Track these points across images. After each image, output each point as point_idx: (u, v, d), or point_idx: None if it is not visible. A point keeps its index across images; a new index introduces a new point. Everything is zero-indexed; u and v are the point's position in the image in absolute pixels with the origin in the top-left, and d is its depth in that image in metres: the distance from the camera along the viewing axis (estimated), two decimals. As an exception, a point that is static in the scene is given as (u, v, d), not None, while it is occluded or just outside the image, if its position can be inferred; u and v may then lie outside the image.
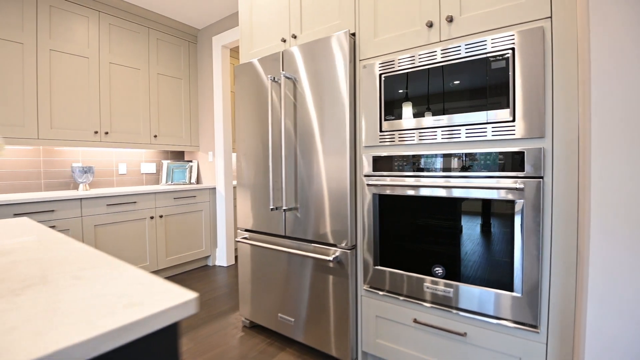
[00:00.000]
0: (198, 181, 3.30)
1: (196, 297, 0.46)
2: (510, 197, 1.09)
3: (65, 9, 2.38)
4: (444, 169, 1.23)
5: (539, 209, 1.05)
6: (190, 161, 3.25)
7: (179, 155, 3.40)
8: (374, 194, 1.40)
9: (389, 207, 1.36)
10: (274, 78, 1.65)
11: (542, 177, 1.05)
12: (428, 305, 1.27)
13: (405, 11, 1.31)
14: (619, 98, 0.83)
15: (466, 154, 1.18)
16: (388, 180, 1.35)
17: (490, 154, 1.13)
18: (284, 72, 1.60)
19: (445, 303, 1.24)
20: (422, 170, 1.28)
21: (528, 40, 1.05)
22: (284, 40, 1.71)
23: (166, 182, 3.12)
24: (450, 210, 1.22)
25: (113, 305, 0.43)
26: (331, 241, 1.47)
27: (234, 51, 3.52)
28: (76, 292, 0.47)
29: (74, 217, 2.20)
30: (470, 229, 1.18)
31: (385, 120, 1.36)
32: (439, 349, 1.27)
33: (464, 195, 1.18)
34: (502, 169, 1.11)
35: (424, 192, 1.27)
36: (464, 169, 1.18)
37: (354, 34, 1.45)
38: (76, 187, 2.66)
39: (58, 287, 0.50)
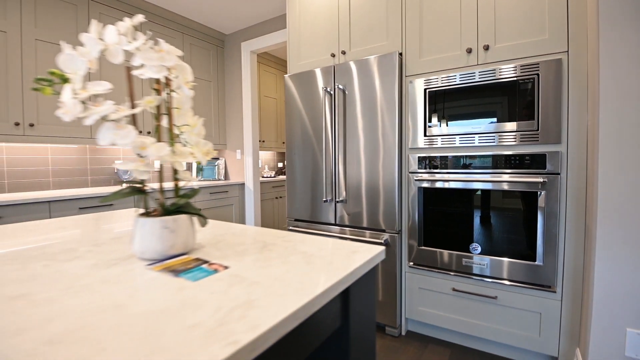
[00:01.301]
0: (226, 177, 3.52)
1: (384, 249, 0.74)
2: (534, 189, 1.41)
3: (111, 15, 2.55)
4: (480, 167, 1.54)
5: (557, 198, 1.37)
6: (218, 159, 3.46)
7: (205, 153, 3.60)
8: (418, 187, 1.70)
9: (432, 198, 1.67)
10: (326, 88, 1.92)
11: (559, 174, 1.38)
12: (465, 276, 1.59)
13: (447, 38, 1.60)
14: (620, 116, 1.16)
15: (498, 155, 1.49)
16: (431, 176, 1.66)
17: (518, 155, 1.45)
18: (337, 84, 1.87)
19: (480, 273, 1.56)
20: (461, 167, 1.58)
21: (549, 68, 1.37)
22: (334, 55, 1.98)
23: (196, 179, 3.32)
24: (484, 199, 1.53)
25: (346, 254, 0.70)
26: (382, 227, 1.76)
27: (260, 56, 3.74)
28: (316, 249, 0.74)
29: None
30: (502, 213, 1.49)
31: (429, 127, 1.66)
32: (473, 310, 1.59)
33: (496, 187, 1.50)
34: (529, 167, 1.43)
35: (462, 185, 1.58)
36: (497, 166, 1.50)
37: (401, 54, 1.74)
38: (118, 184, 2.84)
39: (300, 251, 0.77)
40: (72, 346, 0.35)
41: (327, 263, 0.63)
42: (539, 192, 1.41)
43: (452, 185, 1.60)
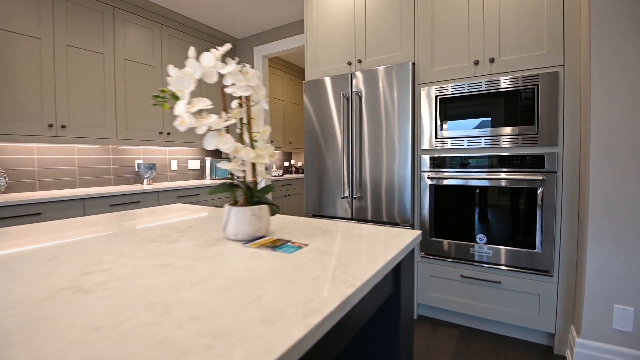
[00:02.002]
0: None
1: (421, 232, 0.92)
2: (534, 186, 1.60)
3: (134, 21, 2.68)
4: (486, 166, 1.72)
5: (554, 193, 1.57)
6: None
7: (216, 153, 3.74)
8: (430, 185, 1.88)
9: (442, 194, 1.85)
10: (344, 93, 2.08)
11: (555, 172, 1.57)
12: (472, 263, 1.77)
13: (456, 50, 1.78)
14: (609, 122, 1.35)
15: (502, 156, 1.68)
16: (441, 175, 1.84)
17: (520, 155, 1.64)
18: (354, 89, 2.03)
19: (486, 261, 1.74)
20: (469, 167, 1.77)
21: (547, 80, 1.56)
22: (350, 63, 2.15)
23: (210, 177, 3.46)
24: (489, 195, 1.72)
25: (392, 236, 0.87)
26: (397, 221, 1.94)
27: (272, 61, 3.88)
28: (371, 231, 0.91)
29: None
30: (505, 207, 1.68)
31: (440, 130, 1.84)
32: (479, 294, 1.78)
33: (500, 184, 1.68)
34: (529, 166, 1.62)
35: (470, 183, 1.76)
36: (501, 165, 1.68)
37: (414, 64, 1.91)
38: (139, 182, 2.97)
39: (357, 233, 0.93)
40: (241, 292, 0.51)
41: (382, 242, 0.80)
42: (538, 189, 1.60)
43: (460, 182, 1.79)
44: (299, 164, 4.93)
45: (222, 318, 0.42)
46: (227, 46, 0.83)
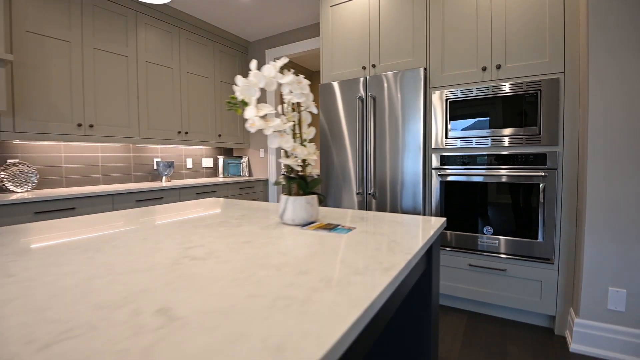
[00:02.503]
0: (249, 174, 3.80)
1: (445, 219, 1.06)
2: (536, 181, 1.76)
3: (154, 25, 2.79)
4: (492, 164, 1.88)
5: (554, 188, 1.73)
6: (241, 157, 3.73)
7: (228, 152, 3.87)
8: (440, 181, 2.03)
9: (451, 189, 2.00)
10: (359, 96, 2.23)
11: (556, 169, 1.73)
12: (479, 253, 1.93)
13: (466, 57, 1.94)
14: (605, 124, 1.51)
15: (507, 154, 1.83)
16: (451, 172, 1.99)
17: (524, 154, 1.79)
18: (369, 92, 2.18)
19: (492, 250, 1.90)
20: (476, 164, 1.92)
21: (549, 85, 1.72)
22: (364, 68, 2.29)
23: (223, 175, 3.59)
24: (495, 190, 1.87)
25: (425, 221, 1.02)
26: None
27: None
28: (401, 219, 1.06)
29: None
30: (510, 201, 1.84)
31: (449, 130, 1.99)
32: (485, 281, 1.93)
33: (506, 180, 1.84)
34: (532, 163, 1.77)
35: (477, 179, 1.92)
36: (506, 163, 1.84)
37: (425, 69, 2.06)
38: (157, 179, 3.08)
39: (390, 219, 1.08)
40: (326, 257, 0.65)
41: (417, 226, 0.95)
42: (540, 184, 1.76)
43: (468, 179, 1.94)
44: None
45: (323, 272, 0.56)
46: (284, 60, 0.97)
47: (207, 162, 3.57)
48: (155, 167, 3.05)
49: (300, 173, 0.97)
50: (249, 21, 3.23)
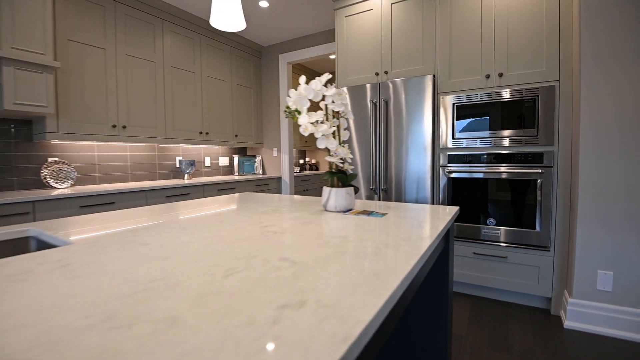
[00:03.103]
0: (263, 172, 3.99)
1: (458, 208, 1.27)
2: (535, 177, 1.97)
3: (178, 32, 2.98)
4: (494, 162, 2.08)
5: (550, 183, 1.94)
6: (254, 156, 3.93)
7: (242, 151, 4.06)
8: (448, 178, 2.24)
9: (457, 185, 2.21)
10: (373, 100, 2.43)
11: (552, 166, 1.94)
12: (483, 242, 2.14)
13: (471, 66, 2.14)
14: (594, 127, 1.72)
15: (509, 153, 2.04)
16: (457, 169, 2.20)
17: (523, 153, 2.00)
18: (381, 97, 2.38)
19: (494, 240, 2.11)
20: (480, 162, 2.13)
21: (546, 92, 1.92)
22: (377, 74, 2.49)
23: (238, 173, 3.78)
24: (497, 185, 2.08)
25: (442, 209, 1.22)
26: (419, 208, 2.29)
27: (295, 67, 4.22)
28: (419, 210, 1.26)
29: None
30: (510, 195, 2.05)
31: (456, 132, 2.19)
32: (488, 268, 2.14)
33: (507, 176, 2.05)
34: (531, 161, 1.98)
35: (481, 175, 2.12)
36: (507, 161, 2.05)
37: (434, 76, 2.27)
38: (179, 177, 3.28)
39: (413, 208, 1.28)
40: (376, 232, 0.86)
41: (437, 212, 1.15)
42: (537, 180, 1.97)
43: (472, 175, 2.15)
44: (313, 161, 5.27)
45: (379, 240, 0.76)
46: (327, 76, 1.17)
47: (224, 161, 3.76)
48: (177, 165, 3.24)
49: (340, 168, 1.17)
50: (264, 27, 3.42)
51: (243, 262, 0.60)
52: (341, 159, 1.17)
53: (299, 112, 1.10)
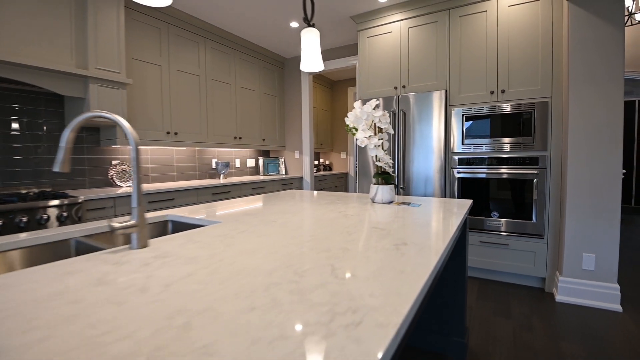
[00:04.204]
0: (286, 173, 4.38)
1: (472, 201, 1.65)
2: (531, 177, 2.36)
3: (217, 48, 3.37)
4: (498, 164, 2.48)
5: (544, 182, 2.33)
6: (277, 158, 4.31)
7: (265, 153, 4.44)
8: (458, 178, 2.63)
9: (466, 184, 2.60)
10: (392, 110, 2.82)
11: (546, 168, 2.33)
12: (488, 232, 2.53)
13: (477, 82, 2.53)
14: (579, 136, 2.11)
15: (509, 157, 2.43)
16: (466, 170, 2.59)
17: (522, 157, 2.39)
18: (400, 108, 2.77)
19: (497, 230, 2.50)
20: (485, 164, 2.52)
21: (540, 106, 2.31)
22: (396, 88, 2.88)
23: (264, 174, 4.17)
24: (500, 184, 2.47)
25: (459, 201, 1.61)
26: (433, 203, 2.68)
27: (315, 77, 4.61)
28: (434, 204, 1.65)
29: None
30: (511, 192, 2.44)
31: (465, 138, 2.59)
32: (492, 254, 2.54)
33: (507, 177, 2.44)
34: (528, 164, 2.37)
35: (486, 176, 2.51)
36: (508, 164, 2.44)
37: (446, 91, 2.65)
38: (215, 177, 3.66)
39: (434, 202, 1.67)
40: (422, 216, 1.25)
41: (457, 203, 1.54)
42: (534, 179, 2.36)
43: (479, 175, 2.54)
44: (327, 162, 5.65)
45: (425, 220, 1.15)
46: (374, 102, 1.55)
47: (251, 162, 4.15)
48: (214, 166, 3.63)
49: (384, 170, 1.56)
50: (291, 43, 3.81)
51: (353, 228, 0.99)
52: (386, 163, 1.56)
53: (356, 129, 1.48)
